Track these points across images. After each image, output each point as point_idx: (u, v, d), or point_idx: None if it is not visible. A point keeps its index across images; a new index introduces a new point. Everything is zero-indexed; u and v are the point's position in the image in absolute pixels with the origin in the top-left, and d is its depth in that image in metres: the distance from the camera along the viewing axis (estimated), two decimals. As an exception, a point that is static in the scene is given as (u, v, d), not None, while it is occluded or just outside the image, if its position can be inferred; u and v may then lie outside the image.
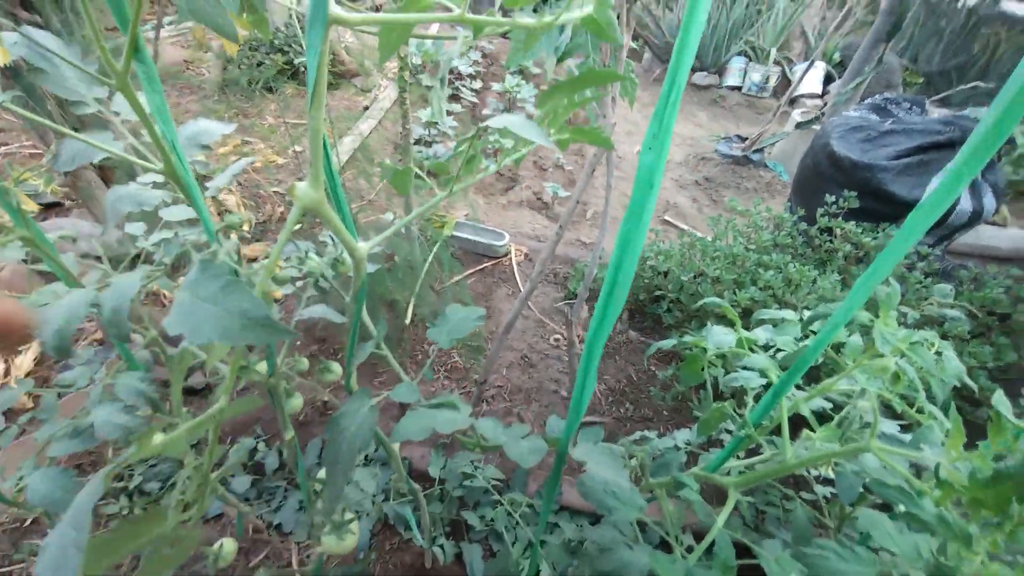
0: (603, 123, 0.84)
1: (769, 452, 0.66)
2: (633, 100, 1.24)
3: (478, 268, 1.99)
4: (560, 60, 0.98)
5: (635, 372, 1.65)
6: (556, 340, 1.72)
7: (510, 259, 2.05)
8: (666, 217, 2.80)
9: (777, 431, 0.61)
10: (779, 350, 0.62)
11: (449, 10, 0.43)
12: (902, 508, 0.37)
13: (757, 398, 0.68)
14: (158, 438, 0.77)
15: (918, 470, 0.62)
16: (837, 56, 3.78)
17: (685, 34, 0.26)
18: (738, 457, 0.69)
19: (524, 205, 2.81)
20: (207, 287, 0.26)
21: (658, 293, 1.68)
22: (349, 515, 0.75)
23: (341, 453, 0.39)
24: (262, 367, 0.51)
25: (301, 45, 3.23)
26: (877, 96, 1.69)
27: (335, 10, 0.31)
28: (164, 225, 0.54)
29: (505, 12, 0.47)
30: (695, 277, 1.47)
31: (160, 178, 0.47)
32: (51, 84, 0.40)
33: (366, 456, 1.37)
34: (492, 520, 1.23)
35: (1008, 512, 0.24)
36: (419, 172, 0.61)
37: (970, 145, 0.38)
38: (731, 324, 0.72)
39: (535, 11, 0.62)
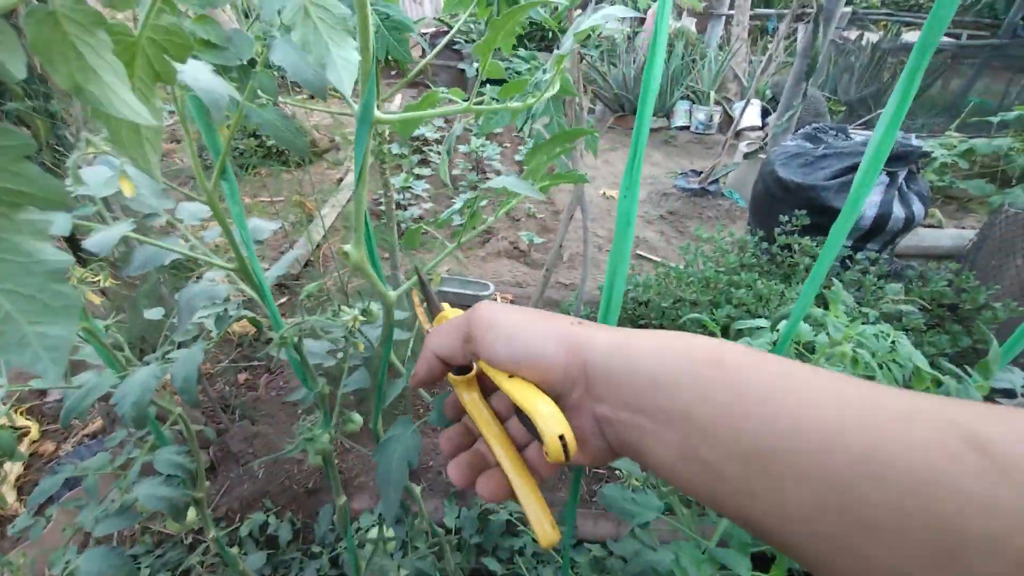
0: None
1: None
2: (596, 151, 1.38)
3: (468, 318, 2.06)
4: (523, 126, 1.11)
5: (631, 400, 1.71)
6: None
7: (497, 306, 2.14)
8: (639, 252, 2.96)
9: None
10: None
11: (454, 101, 0.53)
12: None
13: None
14: (191, 514, 0.79)
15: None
16: (768, 93, 4.18)
17: (644, 95, 0.36)
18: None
19: (502, 255, 2.92)
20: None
21: (641, 322, 1.78)
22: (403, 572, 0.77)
23: (392, 472, 0.45)
24: (325, 438, 0.56)
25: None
26: (808, 127, 1.90)
27: (377, 113, 0.41)
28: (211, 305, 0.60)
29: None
30: (674, 303, 1.58)
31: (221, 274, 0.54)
32: (130, 202, 0.48)
33: (380, 515, 1.37)
34: (513, 563, 1.23)
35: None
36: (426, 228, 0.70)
37: (865, 161, 0.48)
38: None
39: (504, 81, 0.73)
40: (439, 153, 3.81)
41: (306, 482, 1.47)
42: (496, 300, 2.18)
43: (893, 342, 0.70)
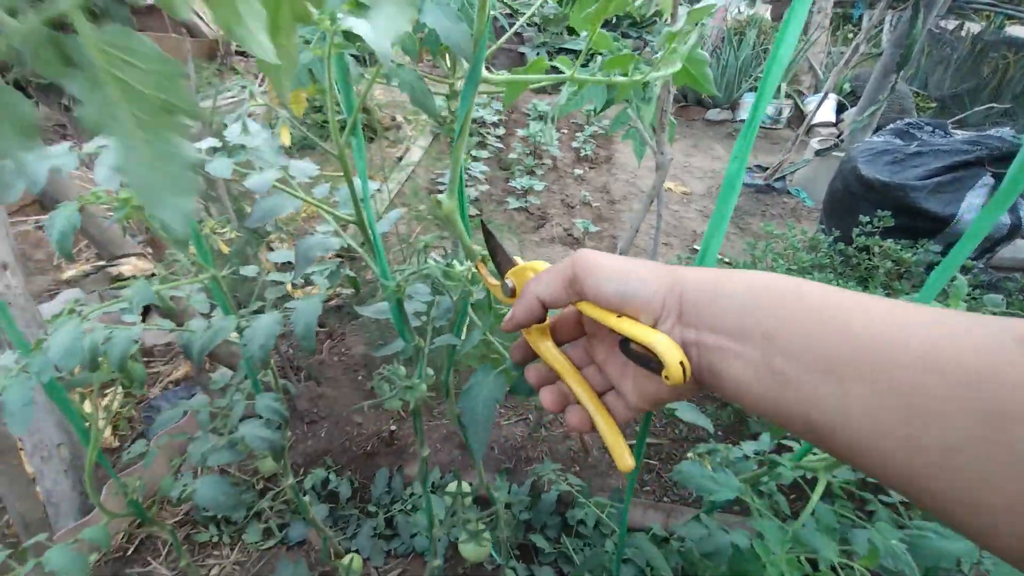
0: (660, 159, 0.93)
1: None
2: (673, 138, 1.35)
3: (522, 301, 2.07)
4: (604, 108, 1.09)
5: (685, 395, 1.68)
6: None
7: (552, 291, 2.14)
8: (695, 246, 2.87)
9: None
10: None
11: (558, 70, 0.54)
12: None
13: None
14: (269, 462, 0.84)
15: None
16: (848, 87, 3.92)
17: (767, 75, 0.35)
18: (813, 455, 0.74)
19: (556, 241, 2.92)
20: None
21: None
22: (481, 525, 0.80)
23: (479, 410, 0.46)
24: (423, 387, 0.59)
25: (339, 105, 3.48)
26: (899, 121, 1.77)
27: (484, 73, 0.42)
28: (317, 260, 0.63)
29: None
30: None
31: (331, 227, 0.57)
32: (252, 156, 0.51)
33: (432, 483, 1.42)
34: (560, 542, 1.25)
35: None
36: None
37: (1017, 164, 0.45)
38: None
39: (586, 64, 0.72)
40: (498, 136, 3.82)
41: (365, 445, 1.54)
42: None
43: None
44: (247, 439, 0.68)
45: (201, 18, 4.54)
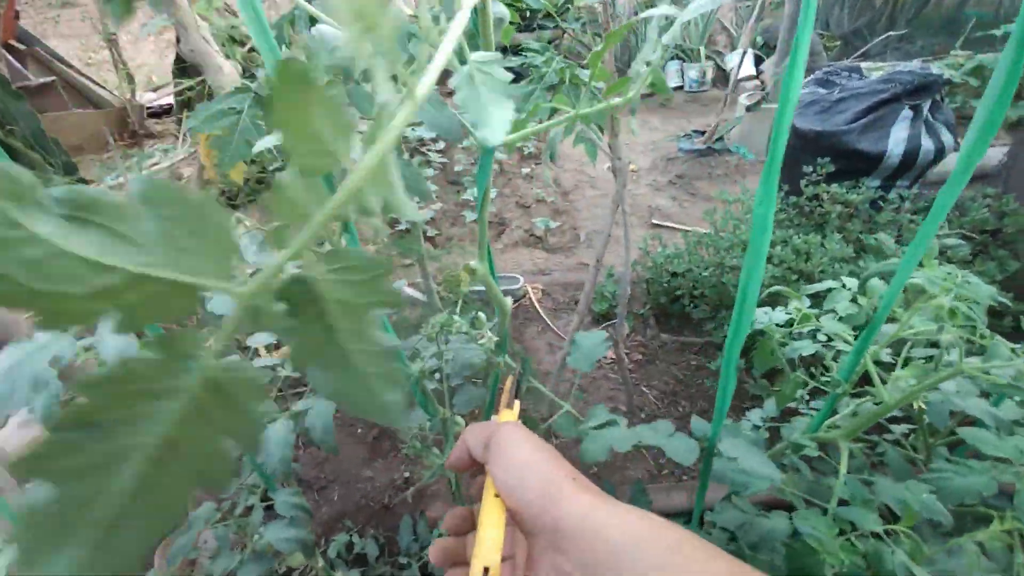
0: (619, 164, 0.95)
1: (854, 406, 0.74)
2: (636, 131, 1.35)
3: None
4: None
5: (680, 371, 1.72)
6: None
7: (529, 299, 2.15)
8: (654, 221, 2.94)
9: (861, 383, 0.69)
10: (839, 317, 0.71)
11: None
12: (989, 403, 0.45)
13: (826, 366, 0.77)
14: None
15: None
16: (760, 40, 4.09)
17: (783, 107, 0.36)
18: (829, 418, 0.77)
19: (520, 244, 2.92)
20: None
21: (678, 292, 1.78)
22: None
23: None
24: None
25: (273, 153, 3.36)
26: (819, 71, 1.87)
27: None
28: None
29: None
30: (714, 269, 1.58)
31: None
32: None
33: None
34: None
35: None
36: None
37: (989, 96, 0.43)
38: (770, 305, 0.82)
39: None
40: (439, 151, 3.79)
41: (381, 498, 1.51)
42: (528, 291, 2.19)
43: (967, 281, 0.70)
44: (275, 544, 0.65)
45: (103, 87, 4.30)
